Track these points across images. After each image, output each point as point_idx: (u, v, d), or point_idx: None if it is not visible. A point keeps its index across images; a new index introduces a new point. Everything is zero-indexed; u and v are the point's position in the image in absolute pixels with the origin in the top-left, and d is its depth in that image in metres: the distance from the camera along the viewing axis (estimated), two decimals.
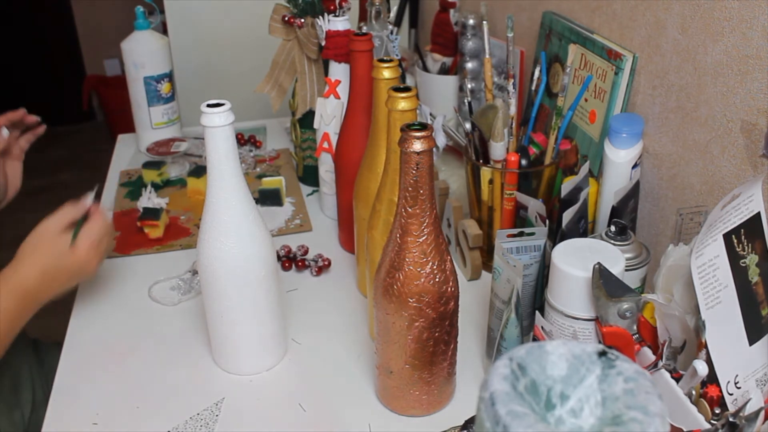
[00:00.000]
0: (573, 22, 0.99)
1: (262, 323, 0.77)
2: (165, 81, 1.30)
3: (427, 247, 0.64)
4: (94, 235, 0.83)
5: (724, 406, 0.59)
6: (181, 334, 0.86)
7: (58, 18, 3.54)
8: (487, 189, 0.91)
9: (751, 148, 0.70)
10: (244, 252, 0.72)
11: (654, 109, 0.84)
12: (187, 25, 1.69)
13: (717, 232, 0.60)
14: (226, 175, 0.70)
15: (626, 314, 0.61)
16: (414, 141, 0.59)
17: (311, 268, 0.98)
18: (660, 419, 0.33)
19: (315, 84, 1.12)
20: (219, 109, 0.67)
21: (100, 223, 0.85)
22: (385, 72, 0.80)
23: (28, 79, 3.61)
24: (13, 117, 1.04)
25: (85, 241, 0.82)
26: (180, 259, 1.01)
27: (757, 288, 0.62)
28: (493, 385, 0.35)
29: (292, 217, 1.12)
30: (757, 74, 0.68)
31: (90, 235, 0.83)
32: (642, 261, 0.73)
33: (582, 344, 0.37)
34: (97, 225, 0.84)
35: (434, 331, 0.67)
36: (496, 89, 1.10)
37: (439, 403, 0.73)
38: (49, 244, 0.81)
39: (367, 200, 0.81)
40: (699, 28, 0.75)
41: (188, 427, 0.72)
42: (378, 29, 1.11)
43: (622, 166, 0.82)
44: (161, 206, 1.11)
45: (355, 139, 0.93)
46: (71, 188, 3.41)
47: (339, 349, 0.83)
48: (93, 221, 0.84)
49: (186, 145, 1.28)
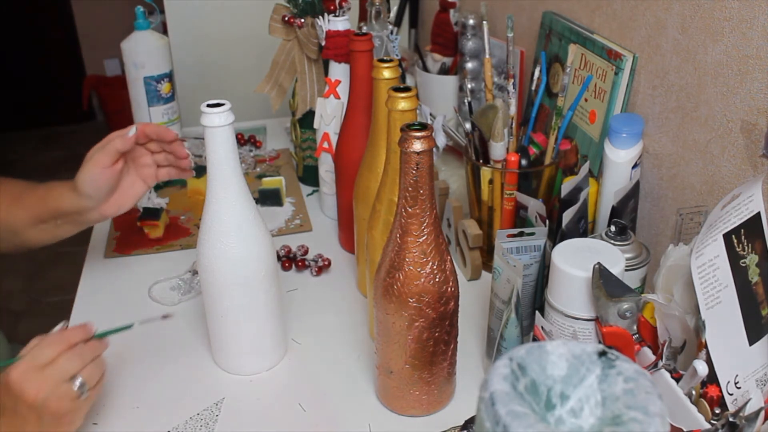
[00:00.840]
0: (573, 22, 0.99)
1: (262, 323, 0.77)
2: (165, 81, 1.30)
3: (427, 247, 0.64)
4: (41, 357, 0.62)
5: (724, 406, 0.59)
6: (181, 334, 0.86)
7: (58, 18, 3.54)
8: (487, 189, 0.91)
9: (751, 148, 0.70)
10: (244, 252, 0.72)
11: (654, 109, 0.84)
12: (187, 24, 1.69)
13: (717, 232, 0.60)
14: (226, 175, 0.70)
15: (626, 314, 0.61)
16: (414, 141, 0.59)
17: (311, 268, 0.98)
18: (660, 419, 0.33)
19: (315, 84, 1.12)
20: (219, 109, 0.67)
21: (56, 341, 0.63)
22: (385, 72, 0.80)
23: (28, 79, 3.61)
24: (160, 133, 0.83)
25: (22, 364, 0.61)
26: (180, 259, 1.01)
27: (757, 288, 0.62)
28: (493, 385, 0.35)
29: (292, 217, 1.12)
30: (757, 74, 0.68)
31: (32, 356, 0.62)
32: (642, 261, 0.73)
33: (582, 344, 0.37)
34: (51, 346, 0.63)
35: (434, 331, 0.67)
36: (496, 89, 1.10)
37: (439, 403, 0.73)
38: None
39: (367, 200, 0.81)
40: (699, 28, 0.75)
41: (188, 427, 0.72)
42: (378, 29, 1.10)
43: (622, 166, 0.82)
44: (161, 206, 1.11)
45: (355, 139, 0.93)
46: None
47: (339, 349, 0.83)
48: (47, 341, 0.64)
49: (186, 145, 1.27)
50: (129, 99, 1.32)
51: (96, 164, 0.79)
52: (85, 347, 0.65)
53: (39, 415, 0.62)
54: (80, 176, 0.81)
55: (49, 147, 3.56)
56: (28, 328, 2.18)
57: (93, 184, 0.80)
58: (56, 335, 0.64)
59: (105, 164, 0.80)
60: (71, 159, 3.41)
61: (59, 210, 0.84)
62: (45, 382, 0.61)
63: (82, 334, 0.66)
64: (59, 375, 0.62)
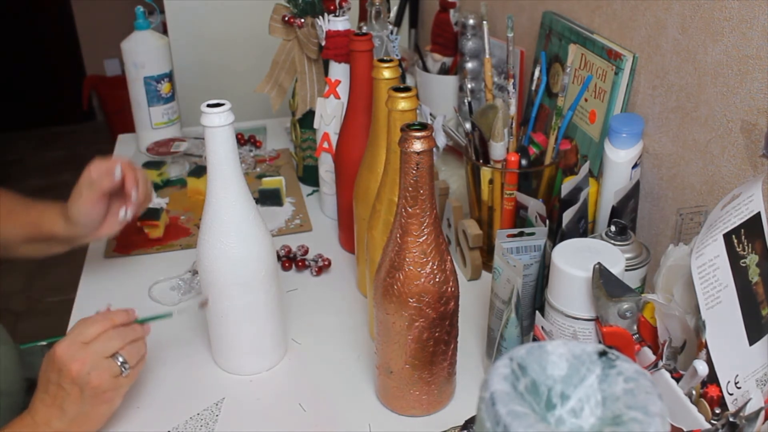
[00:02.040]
0: (573, 22, 0.99)
1: (262, 323, 0.77)
2: (165, 81, 1.30)
3: (427, 247, 0.64)
4: (86, 333, 0.66)
5: (724, 406, 0.59)
6: (181, 334, 0.86)
7: (58, 18, 3.54)
8: (487, 189, 0.91)
9: (751, 148, 0.70)
10: (244, 252, 0.72)
11: (654, 109, 0.84)
12: (187, 25, 1.69)
13: (717, 232, 0.60)
14: (226, 175, 0.70)
15: (626, 314, 0.61)
16: (414, 141, 0.59)
17: (311, 268, 0.98)
18: (660, 419, 0.33)
19: (315, 84, 1.12)
20: (219, 109, 0.67)
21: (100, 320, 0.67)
22: (385, 72, 0.80)
23: (28, 79, 3.61)
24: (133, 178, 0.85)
25: (67, 339, 0.65)
26: (180, 259, 1.01)
27: (757, 288, 0.62)
28: (494, 385, 0.35)
29: (292, 217, 1.12)
30: (757, 74, 0.68)
31: (77, 333, 0.66)
32: (642, 261, 0.73)
33: (582, 344, 0.37)
34: (96, 324, 0.66)
35: (434, 331, 0.67)
36: (496, 89, 1.10)
37: (439, 403, 0.73)
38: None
39: (367, 200, 0.81)
40: (699, 28, 0.75)
41: (188, 427, 0.72)
42: (378, 29, 1.10)
43: (622, 166, 0.82)
44: (161, 206, 1.11)
45: (355, 139, 0.93)
46: (71, 188, 3.40)
47: (339, 349, 0.83)
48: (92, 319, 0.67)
49: (186, 145, 1.28)
50: (129, 99, 1.32)
51: (86, 201, 0.83)
52: (127, 328, 0.68)
53: (81, 390, 0.65)
54: (72, 209, 0.84)
55: (49, 147, 3.56)
56: (28, 328, 2.18)
57: (86, 217, 0.84)
58: (100, 315, 0.68)
59: (94, 201, 0.84)
60: (71, 159, 3.43)
61: (52, 234, 0.87)
62: (88, 356, 0.64)
63: (125, 316, 0.69)
64: (102, 350, 0.65)
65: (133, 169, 0.86)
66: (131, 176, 0.84)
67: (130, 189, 0.84)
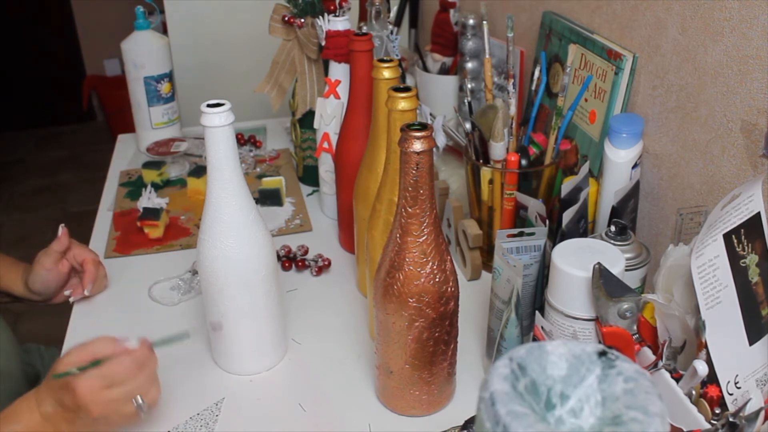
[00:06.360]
0: (573, 22, 0.99)
1: (262, 323, 0.77)
2: (165, 81, 1.30)
3: (427, 247, 0.64)
4: (112, 376, 0.64)
5: (724, 406, 0.59)
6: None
7: (58, 18, 3.54)
8: (487, 189, 0.91)
9: (751, 148, 0.70)
10: (244, 252, 0.72)
11: (654, 109, 0.84)
12: (187, 25, 1.69)
13: (717, 232, 0.60)
14: (226, 175, 0.70)
15: (626, 314, 0.61)
16: (414, 141, 0.59)
17: (311, 268, 0.98)
18: (660, 419, 0.33)
19: (315, 84, 1.12)
20: (219, 109, 0.67)
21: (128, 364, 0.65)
22: (385, 72, 0.80)
23: (28, 79, 3.61)
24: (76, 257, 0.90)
25: (92, 379, 0.63)
26: (180, 259, 1.01)
27: (757, 288, 0.62)
28: (493, 385, 0.35)
29: (292, 217, 1.12)
30: (757, 74, 0.68)
31: (103, 375, 0.64)
32: (642, 261, 0.73)
33: (582, 344, 0.37)
34: (123, 367, 0.64)
35: (434, 331, 0.67)
36: (496, 89, 1.10)
37: (439, 403, 0.73)
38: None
39: (367, 200, 0.81)
40: (699, 28, 0.75)
41: (188, 427, 0.72)
42: (378, 29, 1.10)
43: (622, 166, 0.82)
44: (161, 206, 1.11)
45: (355, 139, 0.93)
46: (71, 188, 3.43)
47: (339, 349, 0.83)
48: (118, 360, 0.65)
49: (186, 145, 1.28)
50: (129, 99, 1.32)
51: (41, 266, 0.89)
52: (150, 369, 0.67)
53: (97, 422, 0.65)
54: (30, 276, 0.90)
55: (49, 147, 3.56)
56: (28, 328, 2.18)
57: (42, 284, 0.90)
58: (125, 355, 0.65)
59: (48, 266, 0.89)
60: (71, 159, 3.43)
61: (11, 292, 0.94)
62: (111, 404, 0.64)
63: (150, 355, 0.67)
64: (125, 397, 0.65)
65: (97, 266, 0.90)
66: (90, 273, 0.89)
67: (86, 283, 0.89)
